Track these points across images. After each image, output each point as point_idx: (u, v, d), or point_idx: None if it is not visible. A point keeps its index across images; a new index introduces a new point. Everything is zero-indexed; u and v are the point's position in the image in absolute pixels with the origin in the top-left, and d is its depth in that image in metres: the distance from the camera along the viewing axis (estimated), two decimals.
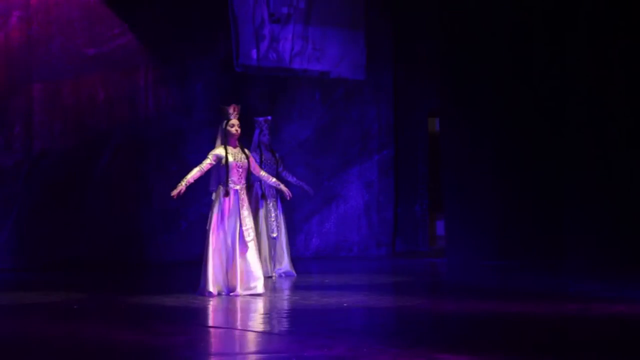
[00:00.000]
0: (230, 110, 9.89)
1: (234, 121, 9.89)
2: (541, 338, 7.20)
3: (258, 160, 11.01)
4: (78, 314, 8.79)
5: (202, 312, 8.84)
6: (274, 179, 10.50)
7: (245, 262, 9.69)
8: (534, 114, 12.70)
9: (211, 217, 9.79)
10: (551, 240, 12.60)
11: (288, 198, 10.52)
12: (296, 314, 8.68)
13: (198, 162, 9.89)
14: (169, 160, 13.50)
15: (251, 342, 7.36)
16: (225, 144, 9.87)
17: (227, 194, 9.74)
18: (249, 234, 9.75)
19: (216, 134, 10.04)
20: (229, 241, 9.70)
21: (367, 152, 15.03)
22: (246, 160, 9.92)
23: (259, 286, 9.70)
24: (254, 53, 13.86)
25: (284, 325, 8.22)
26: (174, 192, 9.65)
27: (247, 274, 9.69)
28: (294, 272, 11.61)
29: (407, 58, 15.18)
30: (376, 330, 7.91)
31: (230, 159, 9.79)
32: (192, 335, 7.46)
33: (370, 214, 15.05)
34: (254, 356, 6.82)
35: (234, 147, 9.90)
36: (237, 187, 9.82)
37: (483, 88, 13.00)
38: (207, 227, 9.78)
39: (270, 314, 8.73)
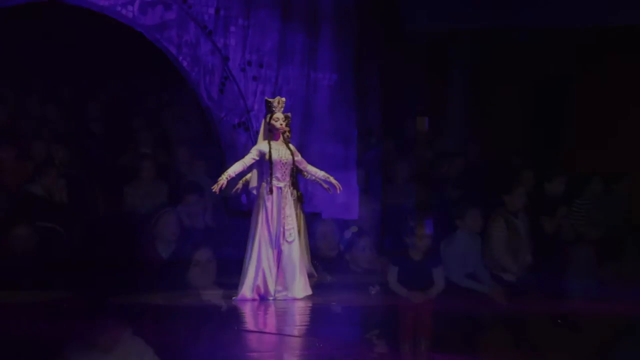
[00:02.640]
0: (275, 104, 9.23)
1: (279, 115, 9.20)
2: (528, 337, 7.25)
3: None
4: (68, 313, 8.75)
5: (190, 312, 8.79)
6: (323, 173, 9.58)
7: (286, 265, 9.17)
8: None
9: (255, 217, 9.19)
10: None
11: (338, 192, 9.59)
12: (284, 313, 8.68)
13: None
14: None
15: (239, 341, 7.38)
16: (268, 139, 9.23)
17: (271, 191, 9.12)
18: (291, 234, 9.18)
19: (259, 127, 9.52)
20: (274, 242, 9.11)
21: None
22: (290, 157, 9.25)
23: (299, 290, 9.18)
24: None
25: (272, 324, 8.24)
26: (215, 187, 9.01)
27: (291, 277, 9.17)
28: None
29: (395, 60, 15.17)
30: (365, 329, 7.93)
31: (274, 155, 9.13)
32: (179, 335, 7.47)
33: None
34: (242, 355, 6.84)
35: (278, 142, 9.27)
36: (281, 185, 9.18)
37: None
38: (250, 227, 9.20)
39: (258, 314, 8.72)
